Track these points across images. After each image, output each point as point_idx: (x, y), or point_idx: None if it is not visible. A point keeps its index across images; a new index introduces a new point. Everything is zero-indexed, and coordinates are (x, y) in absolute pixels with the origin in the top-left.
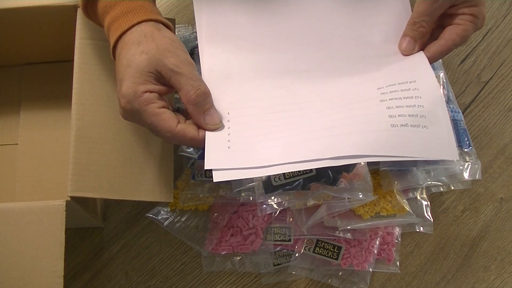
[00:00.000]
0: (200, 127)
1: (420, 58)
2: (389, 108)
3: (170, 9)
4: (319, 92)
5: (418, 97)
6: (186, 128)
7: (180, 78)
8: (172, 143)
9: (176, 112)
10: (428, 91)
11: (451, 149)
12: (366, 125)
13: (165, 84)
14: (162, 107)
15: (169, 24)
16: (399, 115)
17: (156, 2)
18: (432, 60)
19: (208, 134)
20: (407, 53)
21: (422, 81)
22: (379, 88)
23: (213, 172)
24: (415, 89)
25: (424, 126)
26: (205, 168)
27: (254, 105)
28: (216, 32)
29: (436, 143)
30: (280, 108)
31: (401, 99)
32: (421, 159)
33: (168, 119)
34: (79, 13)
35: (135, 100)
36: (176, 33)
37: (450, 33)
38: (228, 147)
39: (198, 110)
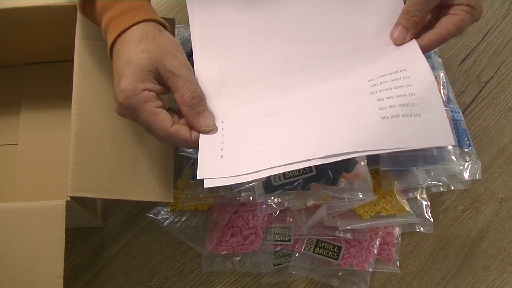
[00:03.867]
0: (194, 129)
1: (412, 46)
2: (379, 100)
3: (170, 9)
4: (313, 91)
5: (409, 85)
6: (180, 129)
7: (177, 80)
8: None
9: (168, 111)
10: (420, 78)
11: (446, 135)
12: (357, 120)
13: (162, 84)
14: (159, 107)
15: (167, 26)
16: (389, 106)
17: (156, 2)
18: (426, 49)
19: (202, 143)
20: (398, 42)
21: (413, 69)
22: (370, 80)
23: (204, 180)
24: (406, 77)
25: (417, 115)
26: (197, 177)
27: (248, 111)
28: (209, 38)
29: (430, 130)
30: (274, 111)
31: (391, 89)
32: (415, 147)
33: (163, 119)
34: (79, 13)
35: (134, 96)
36: (176, 33)
37: (446, 22)
38: (221, 156)
39: (193, 112)
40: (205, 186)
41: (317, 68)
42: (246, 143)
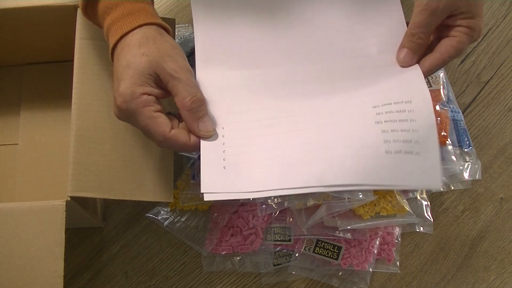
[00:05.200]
0: (193, 133)
1: (416, 74)
2: (384, 131)
3: (170, 9)
4: (315, 106)
5: (413, 120)
6: (179, 133)
7: (177, 83)
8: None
9: (168, 115)
10: (423, 113)
11: (437, 179)
12: (361, 149)
13: (162, 88)
14: (158, 111)
15: (169, 29)
16: (393, 140)
17: (156, 2)
18: (427, 74)
19: (204, 152)
20: (405, 64)
21: (417, 101)
22: (375, 107)
23: (204, 194)
24: (410, 111)
25: (417, 153)
26: (201, 191)
27: (249, 119)
28: (212, 49)
29: (425, 171)
30: (276, 122)
31: (396, 121)
32: (409, 188)
33: (162, 124)
34: (79, 13)
35: (133, 100)
36: (176, 33)
37: (445, 45)
38: (224, 167)
39: (193, 117)
40: (205, 199)
41: (319, 83)
42: (248, 153)
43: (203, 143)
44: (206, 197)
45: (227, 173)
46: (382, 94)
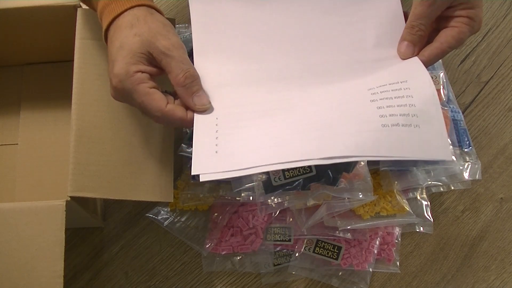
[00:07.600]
0: (188, 108)
1: (413, 60)
2: (379, 108)
3: (170, 9)
4: (311, 97)
5: (409, 96)
6: (175, 108)
7: (170, 61)
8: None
9: (164, 93)
10: (420, 89)
11: (445, 149)
12: (357, 125)
13: (156, 66)
14: (153, 87)
15: (161, 10)
16: (390, 115)
17: (156, 2)
18: (427, 64)
19: (196, 137)
20: (406, 57)
21: (413, 80)
22: (370, 89)
23: (200, 174)
24: (406, 88)
25: (416, 126)
26: (191, 173)
27: (244, 110)
28: (207, 42)
29: (429, 143)
30: (271, 112)
31: (392, 98)
32: (413, 159)
33: (158, 99)
34: (79, 13)
35: (127, 79)
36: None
37: (445, 36)
38: (216, 152)
39: (187, 92)
40: (201, 180)
41: (316, 76)
42: (242, 139)
43: (195, 130)
44: (202, 178)
45: (219, 156)
46: (377, 79)
